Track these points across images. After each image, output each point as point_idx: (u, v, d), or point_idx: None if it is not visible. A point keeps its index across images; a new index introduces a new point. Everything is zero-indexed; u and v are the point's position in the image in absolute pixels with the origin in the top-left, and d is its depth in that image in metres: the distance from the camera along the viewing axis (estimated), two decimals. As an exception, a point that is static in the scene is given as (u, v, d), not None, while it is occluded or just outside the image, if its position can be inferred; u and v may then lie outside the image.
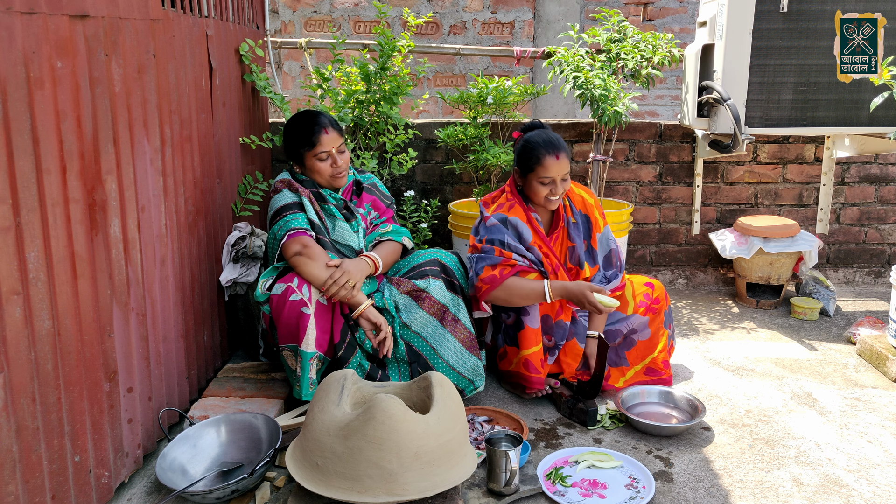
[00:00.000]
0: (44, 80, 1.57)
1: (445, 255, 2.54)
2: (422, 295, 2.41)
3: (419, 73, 3.38)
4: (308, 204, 2.40)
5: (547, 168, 2.38)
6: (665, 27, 5.38)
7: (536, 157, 2.38)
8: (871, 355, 2.85)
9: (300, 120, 2.44)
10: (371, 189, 2.62)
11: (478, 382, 2.46)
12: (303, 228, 2.34)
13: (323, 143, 2.39)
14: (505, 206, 2.48)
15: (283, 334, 2.27)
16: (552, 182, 2.40)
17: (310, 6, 5.21)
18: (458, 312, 2.43)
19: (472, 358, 2.43)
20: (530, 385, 2.48)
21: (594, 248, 2.56)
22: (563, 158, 2.39)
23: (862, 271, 3.96)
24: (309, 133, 2.39)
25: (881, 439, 2.29)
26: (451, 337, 2.41)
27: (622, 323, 2.62)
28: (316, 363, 2.27)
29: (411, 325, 2.41)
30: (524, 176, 2.45)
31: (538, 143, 2.40)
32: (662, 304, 2.64)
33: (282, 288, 2.26)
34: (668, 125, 3.76)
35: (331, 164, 2.42)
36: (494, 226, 2.43)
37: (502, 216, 2.45)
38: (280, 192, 2.43)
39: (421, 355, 2.42)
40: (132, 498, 1.97)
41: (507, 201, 2.49)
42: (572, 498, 1.95)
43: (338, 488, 1.70)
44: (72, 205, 1.69)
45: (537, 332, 2.45)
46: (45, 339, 1.61)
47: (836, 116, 3.19)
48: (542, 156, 2.38)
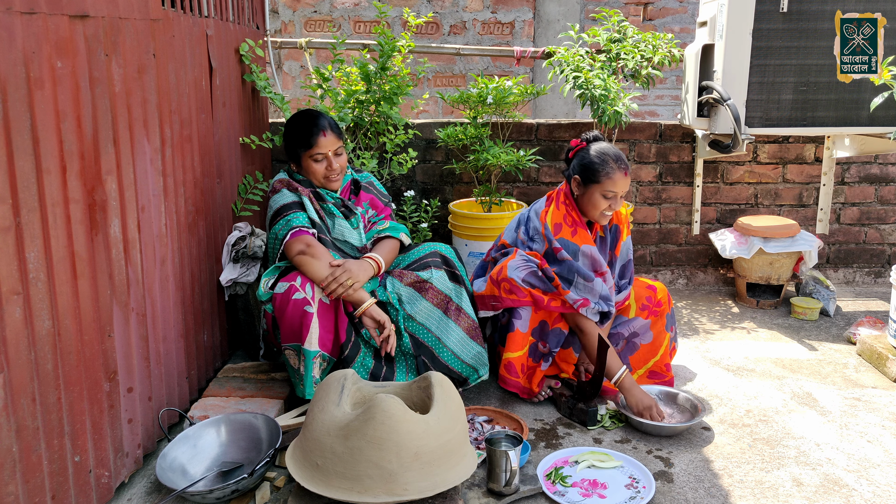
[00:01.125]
0: (44, 80, 1.57)
1: (444, 247, 2.56)
2: (425, 286, 2.42)
3: (419, 73, 3.38)
4: (308, 203, 2.41)
5: (615, 183, 2.37)
6: (665, 27, 5.38)
7: (606, 171, 2.37)
8: (871, 355, 2.85)
9: (300, 120, 2.44)
10: (368, 188, 2.63)
11: (482, 371, 2.47)
12: (305, 227, 2.35)
13: (320, 145, 2.39)
14: (565, 226, 2.45)
15: (286, 333, 2.27)
16: (614, 197, 2.40)
17: (310, 6, 5.21)
18: (461, 302, 2.44)
19: (476, 346, 2.44)
20: (506, 387, 2.49)
21: (616, 256, 2.58)
22: (629, 176, 2.41)
23: (862, 271, 3.96)
24: (307, 134, 2.39)
25: (881, 439, 2.29)
26: (455, 326, 2.42)
27: (624, 326, 2.62)
28: (319, 362, 2.27)
29: (416, 317, 2.41)
30: (586, 185, 2.42)
31: (611, 157, 2.39)
32: (664, 307, 2.64)
33: (285, 287, 2.26)
34: (668, 125, 3.76)
35: (326, 166, 2.42)
36: (562, 255, 2.42)
37: (571, 245, 2.43)
38: (279, 191, 2.43)
39: (425, 345, 2.42)
40: (132, 498, 1.97)
41: (567, 217, 2.46)
42: (572, 498, 1.95)
43: (338, 488, 1.70)
44: (72, 205, 1.69)
45: (525, 337, 2.46)
46: (45, 339, 1.61)
47: (836, 116, 3.19)
48: (614, 170, 2.37)
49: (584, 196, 2.44)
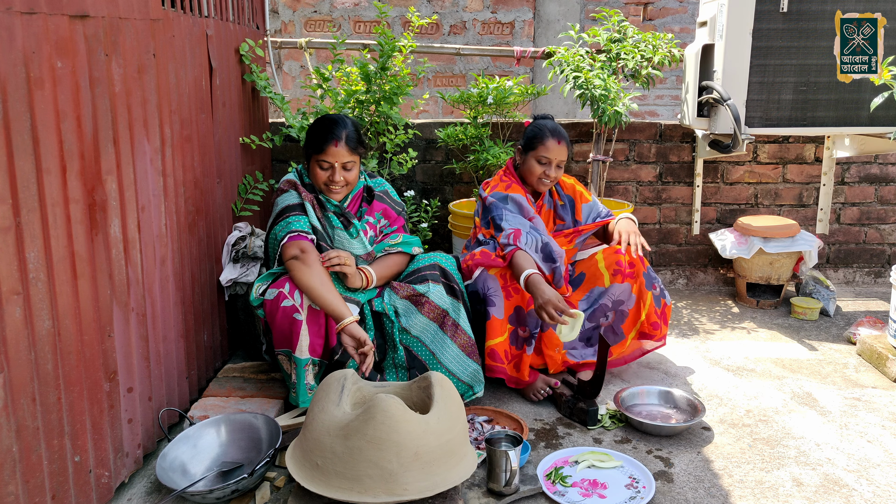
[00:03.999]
0: (44, 80, 1.57)
1: (446, 258, 2.52)
2: (421, 300, 2.40)
3: (419, 73, 3.38)
4: (310, 208, 2.39)
5: (548, 149, 2.60)
6: (665, 27, 5.38)
7: (540, 138, 2.61)
8: (871, 355, 2.85)
9: (321, 122, 2.40)
10: (383, 197, 2.59)
11: (477, 388, 2.45)
12: (304, 232, 2.33)
13: (328, 153, 2.34)
14: (501, 185, 2.68)
15: (278, 339, 2.28)
16: (548, 163, 2.62)
17: (310, 6, 5.21)
18: (459, 317, 2.41)
19: (472, 363, 2.42)
20: (493, 374, 2.48)
21: (578, 219, 2.81)
22: (563, 146, 2.62)
23: (862, 271, 3.96)
24: (320, 139, 2.35)
25: (881, 439, 2.29)
26: (451, 342, 2.40)
27: (604, 297, 2.63)
28: (312, 369, 2.27)
29: (410, 330, 2.40)
30: (525, 154, 2.67)
31: (546, 127, 2.64)
32: (638, 267, 2.62)
33: (273, 294, 2.26)
34: (668, 125, 3.76)
35: (329, 175, 2.37)
36: (493, 203, 2.62)
37: (501, 194, 2.64)
38: (286, 192, 2.42)
39: (420, 360, 2.41)
40: (132, 498, 1.97)
41: (502, 181, 2.69)
42: (572, 498, 1.95)
43: (338, 488, 1.70)
44: (72, 205, 1.69)
45: (503, 323, 2.47)
46: (45, 339, 1.61)
47: (836, 116, 3.19)
48: (547, 137, 2.60)
49: (523, 165, 2.68)
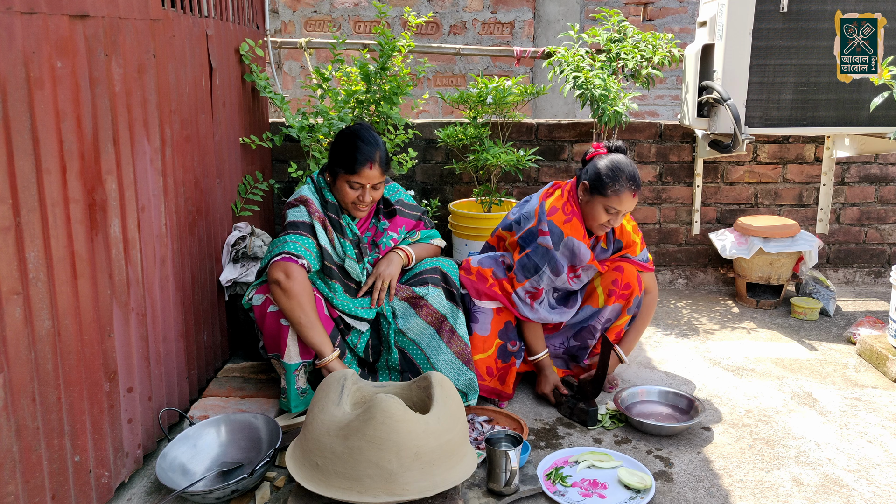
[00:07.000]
0: (44, 80, 1.57)
1: (448, 263, 2.50)
2: (420, 302, 2.39)
3: (419, 73, 3.38)
4: (320, 229, 2.31)
5: (622, 202, 2.32)
6: (665, 27, 5.38)
7: (617, 188, 2.31)
8: (871, 355, 2.85)
9: (353, 140, 2.29)
10: (400, 210, 2.52)
11: (470, 396, 2.42)
12: (295, 255, 2.22)
13: (361, 176, 2.26)
14: (561, 214, 2.40)
15: (268, 344, 2.28)
16: (616, 214, 2.35)
17: (310, 6, 5.21)
18: (456, 324, 2.40)
19: (468, 371, 2.40)
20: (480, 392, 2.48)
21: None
22: (637, 197, 2.35)
23: (862, 271, 3.96)
24: (353, 161, 2.26)
25: (881, 439, 2.29)
26: (447, 348, 2.39)
27: (594, 318, 2.57)
28: (303, 373, 2.27)
29: (407, 332, 2.39)
30: (592, 194, 2.37)
31: (625, 175, 2.31)
32: (633, 290, 2.53)
33: (261, 299, 2.26)
34: (668, 125, 3.76)
35: (358, 195, 2.30)
36: (543, 244, 2.38)
37: (558, 230, 2.39)
38: (296, 207, 2.33)
39: (414, 364, 2.40)
40: (132, 498, 1.97)
41: (565, 211, 2.41)
42: (572, 498, 1.95)
43: (338, 488, 1.70)
44: (72, 205, 1.69)
45: (485, 340, 2.47)
46: (45, 339, 1.61)
47: (836, 116, 3.19)
48: (623, 189, 2.31)
49: (587, 204, 2.39)
